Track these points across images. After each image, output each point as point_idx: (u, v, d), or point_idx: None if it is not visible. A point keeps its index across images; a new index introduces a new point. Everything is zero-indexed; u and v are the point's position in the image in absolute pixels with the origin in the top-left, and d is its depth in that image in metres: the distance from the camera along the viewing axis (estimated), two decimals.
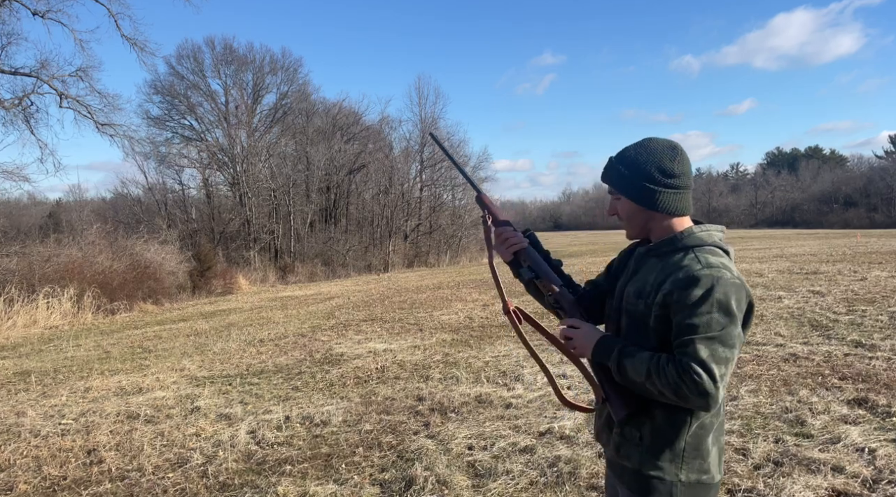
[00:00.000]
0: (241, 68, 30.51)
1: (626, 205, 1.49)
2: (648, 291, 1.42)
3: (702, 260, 1.37)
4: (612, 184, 1.51)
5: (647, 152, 1.46)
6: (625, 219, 1.52)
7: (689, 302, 1.32)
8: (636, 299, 1.45)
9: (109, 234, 16.08)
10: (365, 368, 5.98)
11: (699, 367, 1.29)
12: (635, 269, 1.53)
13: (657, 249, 1.48)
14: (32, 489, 3.48)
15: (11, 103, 15.69)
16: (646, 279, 1.45)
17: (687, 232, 1.45)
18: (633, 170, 1.46)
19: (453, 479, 3.26)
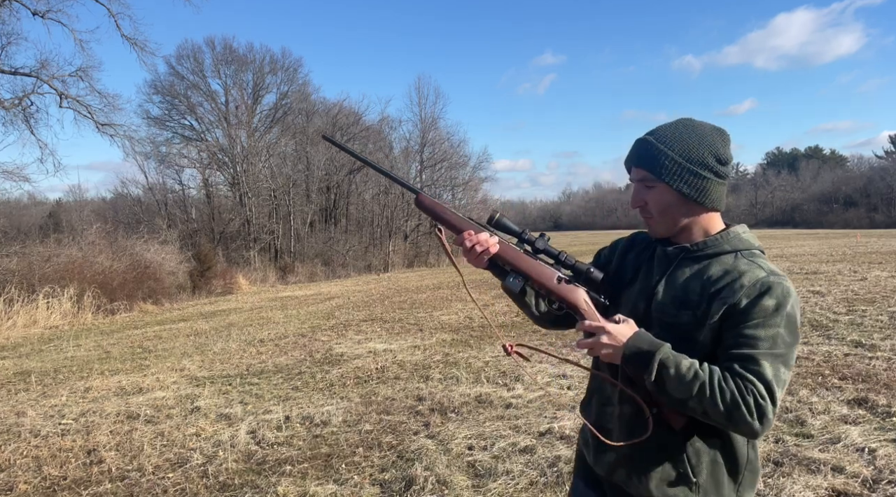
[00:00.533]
0: (241, 68, 30.52)
1: (664, 195, 1.24)
2: (696, 301, 1.21)
3: (764, 266, 1.20)
4: (651, 168, 1.23)
5: (698, 134, 1.24)
6: (657, 213, 1.26)
7: (759, 312, 1.14)
8: (677, 310, 1.23)
9: (109, 234, 16.08)
10: (365, 368, 5.98)
11: (765, 389, 1.11)
12: (662, 273, 1.30)
13: (697, 252, 1.26)
14: (32, 489, 3.48)
15: (11, 103, 15.69)
16: (686, 287, 1.24)
17: (733, 233, 1.27)
18: (683, 153, 1.22)
19: (453, 479, 3.26)
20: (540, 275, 1.33)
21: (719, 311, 1.17)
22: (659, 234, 1.30)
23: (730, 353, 1.15)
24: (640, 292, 1.33)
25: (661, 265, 1.31)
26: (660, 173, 1.23)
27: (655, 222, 1.28)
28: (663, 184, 1.23)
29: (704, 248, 1.26)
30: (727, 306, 1.17)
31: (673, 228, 1.28)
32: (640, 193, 1.28)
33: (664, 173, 1.22)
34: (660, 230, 1.29)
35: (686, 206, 1.25)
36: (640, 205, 1.28)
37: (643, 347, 1.18)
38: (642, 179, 1.26)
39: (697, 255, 1.26)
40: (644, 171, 1.25)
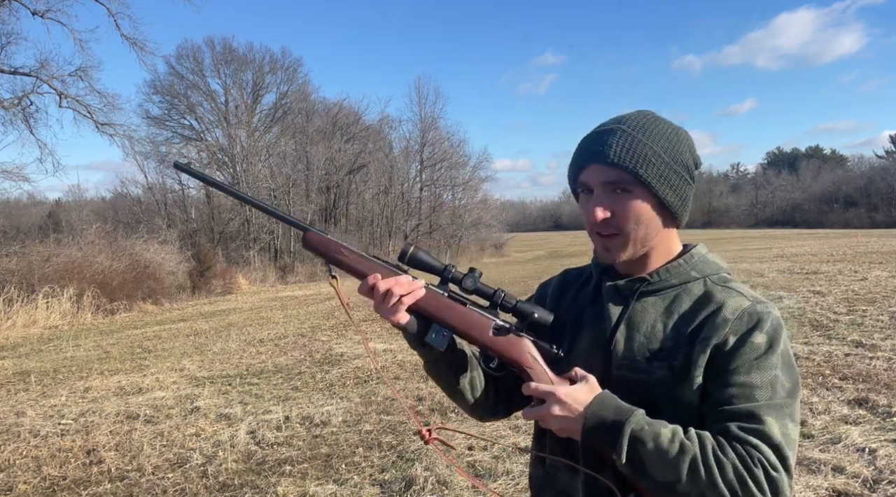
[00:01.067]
0: (240, 68, 30.50)
1: (641, 204, 0.95)
2: (671, 348, 0.94)
3: (745, 292, 0.97)
4: (631, 166, 0.94)
5: (672, 129, 1.00)
6: (629, 228, 0.96)
7: (750, 352, 0.90)
8: (647, 363, 0.95)
9: (109, 234, 16.07)
10: (365, 368, 5.97)
11: (775, 455, 0.85)
12: (618, 315, 1.01)
13: (659, 283, 1.00)
14: (32, 489, 3.47)
15: (11, 103, 15.68)
16: (653, 331, 0.97)
17: (697, 255, 1.02)
18: (667, 148, 0.96)
19: (453, 479, 3.26)
20: (470, 325, 1.01)
21: (702, 356, 0.91)
22: (618, 258, 0.99)
23: (721, 411, 0.89)
24: (592, 344, 1.02)
25: (614, 305, 1.02)
26: (642, 173, 0.93)
27: (621, 242, 0.97)
28: (643, 188, 0.94)
29: (667, 278, 0.99)
30: (711, 348, 0.91)
31: (639, 250, 0.99)
32: (603, 202, 0.95)
33: (649, 174, 0.94)
34: (622, 253, 0.98)
35: (661, 220, 0.98)
36: (605, 217, 0.96)
37: (608, 417, 0.89)
38: (613, 182, 0.95)
39: (658, 288, 0.99)
40: (618, 171, 0.94)
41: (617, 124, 0.98)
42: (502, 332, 1.02)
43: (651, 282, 1.00)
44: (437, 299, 1.02)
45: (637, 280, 1.01)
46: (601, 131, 0.99)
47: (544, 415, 0.94)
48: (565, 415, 0.92)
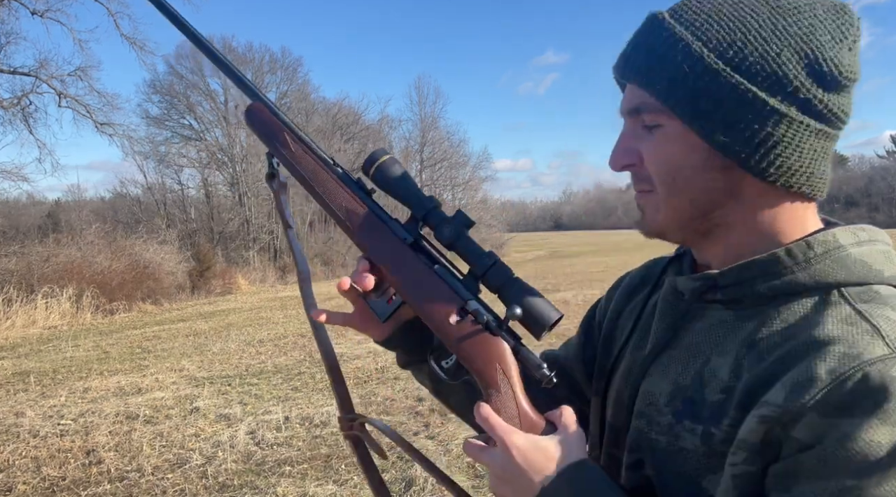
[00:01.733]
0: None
1: (679, 146, 0.59)
2: (718, 405, 0.57)
3: (883, 328, 0.52)
4: (654, 83, 0.58)
5: (769, 16, 0.55)
6: (661, 181, 0.61)
7: (847, 456, 0.48)
8: (676, 418, 0.60)
9: (108, 234, 16.06)
10: (365, 369, 5.97)
11: None
12: (664, 331, 0.66)
13: (738, 285, 0.59)
14: (31, 490, 3.47)
15: (10, 103, 15.68)
16: (704, 366, 0.60)
17: (825, 243, 0.58)
18: (731, 47, 0.55)
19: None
20: (426, 296, 0.70)
21: (752, 432, 0.52)
22: (653, 228, 0.64)
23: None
24: (625, 373, 0.71)
25: (665, 314, 0.66)
26: (671, 95, 0.56)
27: (654, 204, 0.62)
28: (677, 120, 0.57)
29: (747, 281, 0.58)
30: (771, 423, 0.51)
31: (690, 222, 0.61)
32: (627, 140, 0.62)
33: (680, 96, 0.56)
34: (658, 222, 0.63)
35: (726, 177, 0.58)
36: (628, 163, 0.62)
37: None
38: (636, 109, 0.60)
39: (734, 297, 0.60)
40: (639, 92, 0.59)
41: (669, 11, 0.59)
42: (469, 322, 0.68)
43: (719, 283, 0.60)
44: (393, 245, 0.71)
45: (703, 278, 0.61)
46: (648, 19, 0.60)
47: (485, 462, 0.65)
48: (509, 477, 0.62)
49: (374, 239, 0.73)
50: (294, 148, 0.79)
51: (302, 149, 0.80)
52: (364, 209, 0.74)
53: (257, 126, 0.83)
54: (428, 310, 0.70)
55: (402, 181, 0.72)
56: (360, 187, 0.76)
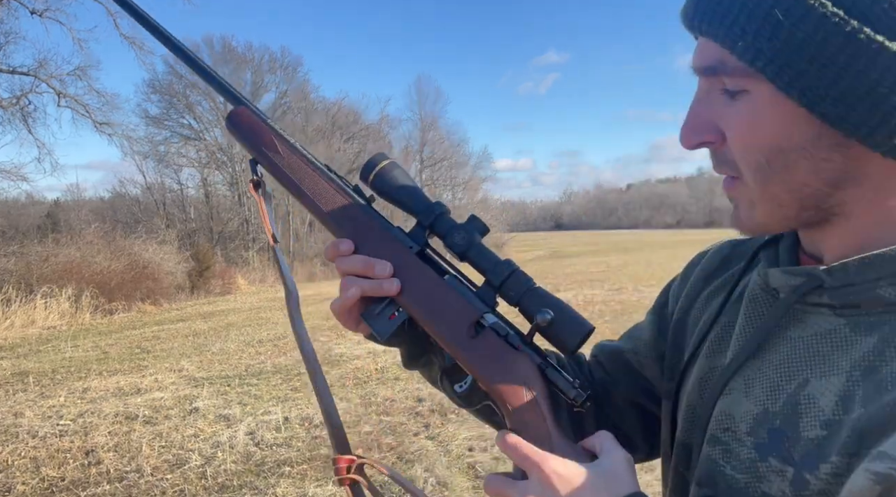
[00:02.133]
0: (239, 67, 30.48)
1: (771, 115, 0.44)
2: (822, 441, 0.44)
3: None
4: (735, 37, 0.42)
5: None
6: (749, 162, 0.47)
7: None
8: (760, 452, 0.48)
9: (108, 234, 16.05)
10: (364, 369, 5.96)
11: None
12: (751, 338, 0.53)
13: (854, 286, 0.46)
14: (30, 490, 3.46)
15: (9, 102, 15.67)
16: (803, 386, 0.47)
17: None
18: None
19: (453, 480, 3.25)
20: (437, 310, 0.62)
21: (868, 492, 0.39)
22: (761, 228, 0.51)
23: None
24: (697, 385, 0.59)
25: (753, 316, 0.55)
26: (759, 52, 0.42)
27: (743, 193, 0.50)
28: (768, 83, 0.43)
29: (866, 281, 0.46)
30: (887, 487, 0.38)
31: (800, 216, 0.49)
32: (703, 110, 0.49)
33: (771, 53, 0.42)
34: (761, 219, 0.50)
35: (843, 157, 0.44)
36: (703, 140, 0.49)
37: None
38: (711, 68, 0.47)
39: (848, 303, 0.47)
40: (715, 48, 0.45)
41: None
42: (487, 338, 0.59)
43: (826, 284, 0.47)
44: (397, 254, 0.64)
45: (806, 274, 0.49)
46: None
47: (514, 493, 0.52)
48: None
49: (376, 249, 0.65)
50: (284, 153, 0.70)
51: (292, 154, 0.70)
52: (363, 217, 0.67)
53: (242, 131, 0.72)
54: (439, 325, 0.61)
55: (404, 187, 0.64)
56: (360, 195, 0.69)
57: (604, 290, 11.24)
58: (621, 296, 10.28)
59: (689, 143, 0.49)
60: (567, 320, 0.57)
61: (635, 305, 9.01)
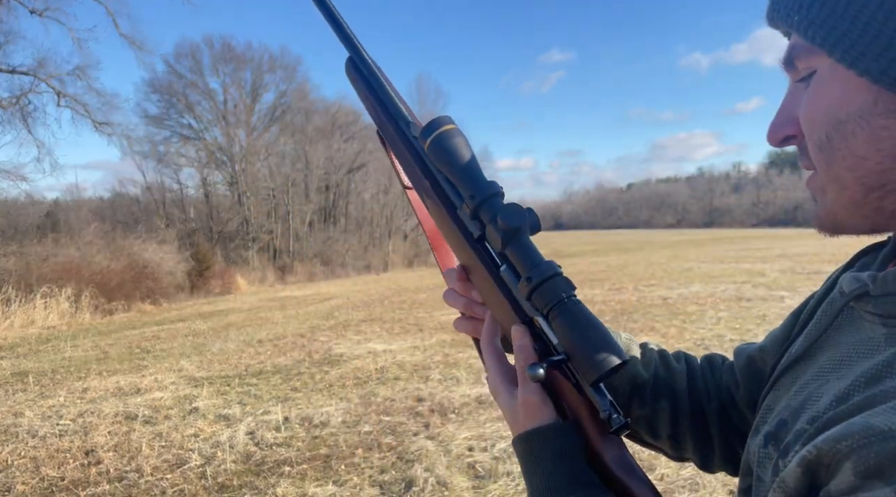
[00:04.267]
0: (239, 66, 30.49)
1: (828, 88, 0.44)
2: (798, 432, 0.45)
3: None
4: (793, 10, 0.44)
5: None
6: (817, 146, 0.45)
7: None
8: (764, 443, 0.50)
9: (107, 234, 16.06)
10: (364, 369, 5.96)
11: None
12: (810, 337, 0.53)
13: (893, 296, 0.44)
14: (30, 490, 3.45)
15: (9, 102, 15.66)
16: (819, 386, 0.47)
17: None
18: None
19: (453, 480, 3.24)
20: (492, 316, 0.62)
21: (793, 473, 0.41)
22: (833, 217, 0.48)
23: None
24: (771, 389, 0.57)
25: (821, 318, 0.54)
26: (811, 23, 0.43)
27: (819, 183, 0.48)
28: (826, 57, 0.44)
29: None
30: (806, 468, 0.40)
31: (870, 199, 0.45)
32: (789, 105, 0.49)
33: (821, 21, 0.43)
34: (832, 207, 0.47)
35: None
36: (787, 134, 0.49)
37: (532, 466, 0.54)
38: (788, 57, 0.48)
39: (889, 309, 0.45)
40: (794, 37, 0.47)
41: None
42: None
43: (871, 291, 0.46)
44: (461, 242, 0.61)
45: (863, 280, 0.48)
46: None
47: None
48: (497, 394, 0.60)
49: (449, 236, 0.62)
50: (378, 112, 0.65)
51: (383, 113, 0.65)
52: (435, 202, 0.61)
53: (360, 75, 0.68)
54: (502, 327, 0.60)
55: (460, 158, 0.58)
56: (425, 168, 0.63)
57: (604, 290, 11.23)
58: (621, 295, 10.28)
59: (772, 139, 0.49)
60: (582, 359, 0.53)
61: (635, 305, 9.01)
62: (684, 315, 7.77)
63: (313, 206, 28.84)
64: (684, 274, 13.09)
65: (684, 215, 77.54)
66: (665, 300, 9.34)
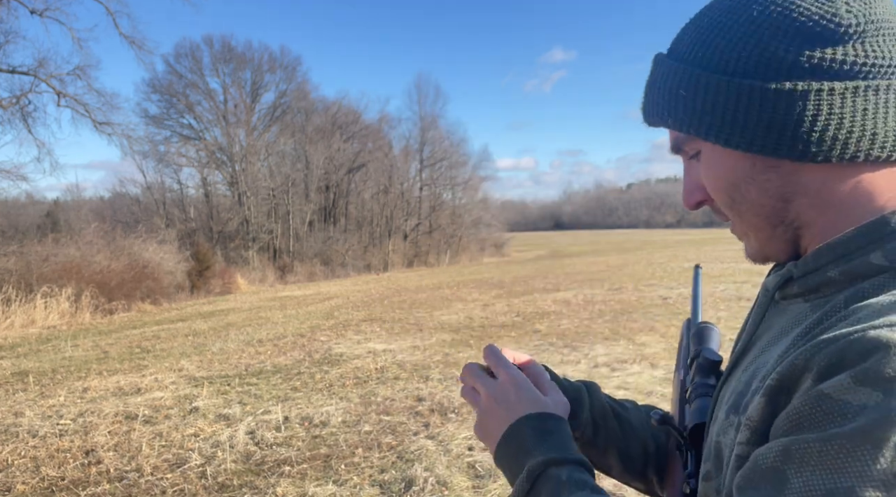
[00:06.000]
0: (239, 66, 30.49)
1: (720, 163, 0.56)
2: (754, 390, 0.52)
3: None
4: (674, 117, 0.57)
5: (752, 2, 0.53)
6: (725, 203, 0.59)
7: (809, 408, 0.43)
8: (726, 415, 0.56)
9: (107, 234, 16.05)
10: (364, 369, 5.96)
11: None
12: (748, 333, 0.63)
13: (812, 273, 0.55)
14: (31, 490, 3.46)
15: (9, 102, 15.66)
16: (761, 355, 0.57)
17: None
18: (720, 57, 0.53)
19: (453, 479, 3.25)
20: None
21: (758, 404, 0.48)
22: (761, 254, 0.60)
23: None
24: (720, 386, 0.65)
25: (754, 316, 0.64)
26: (684, 121, 0.56)
27: (740, 230, 0.60)
28: (705, 142, 0.56)
29: (820, 266, 0.54)
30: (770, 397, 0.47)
31: (778, 235, 0.57)
32: (690, 178, 0.61)
33: (692, 119, 0.55)
34: (757, 245, 0.59)
35: (778, 174, 0.54)
36: (698, 200, 0.61)
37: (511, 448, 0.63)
38: (675, 146, 0.61)
39: (808, 288, 0.55)
40: (672, 134, 0.60)
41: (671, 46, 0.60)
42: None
43: (793, 275, 0.56)
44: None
45: (782, 271, 0.58)
46: (657, 57, 0.62)
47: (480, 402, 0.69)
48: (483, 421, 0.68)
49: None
50: None
51: None
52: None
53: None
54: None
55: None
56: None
57: (604, 290, 11.23)
58: (621, 295, 10.29)
59: (690, 205, 0.63)
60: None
61: (635, 305, 9.01)
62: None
63: (313, 206, 28.84)
64: (684, 274, 13.09)
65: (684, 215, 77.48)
66: (665, 300, 9.34)
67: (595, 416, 0.76)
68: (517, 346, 6.59)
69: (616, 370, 5.33)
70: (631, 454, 0.77)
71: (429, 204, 32.22)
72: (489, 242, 33.68)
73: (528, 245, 42.77)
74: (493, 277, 16.14)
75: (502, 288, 13.07)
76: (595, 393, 0.79)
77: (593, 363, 5.64)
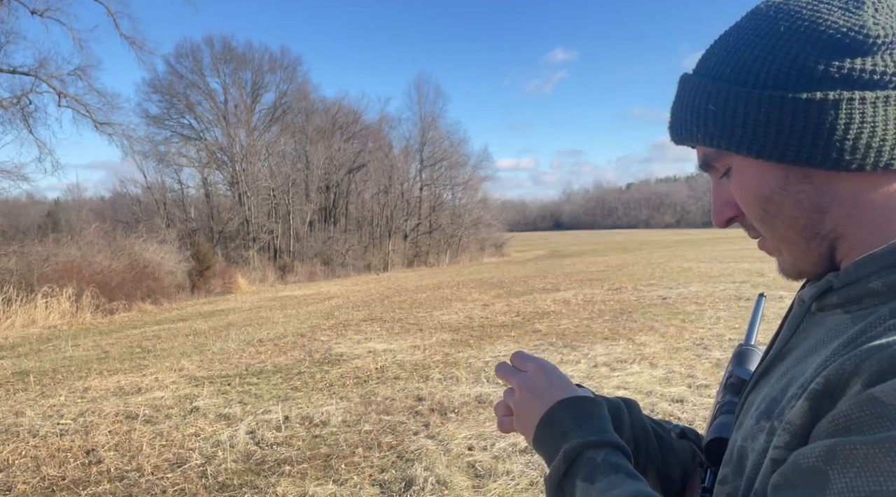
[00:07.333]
0: (239, 67, 30.50)
1: (752, 178, 0.56)
2: (791, 396, 0.52)
3: None
4: (704, 134, 0.57)
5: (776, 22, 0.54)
6: (758, 219, 0.58)
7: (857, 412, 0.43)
8: (756, 420, 0.56)
9: (108, 234, 16.05)
10: (364, 368, 5.96)
11: None
12: (781, 342, 0.63)
13: (853, 284, 0.54)
14: (31, 489, 3.46)
15: (10, 102, 15.66)
16: (796, 364, 0.57)
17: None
18: (751, 72, 0.53)
19: (453, 479, 3.25)
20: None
21: (801, 408, 0.48)
22: (796, 269, 0.60)
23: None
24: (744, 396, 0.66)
25: (788, 326, 0.63)
26: (717, 137, 0.56)
27: (773, 246, 0.60)
28: (737, 155, 0.56)
29: (862, 278, 0.53)
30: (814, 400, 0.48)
31: (812, 248, 0.57)
32: (720, 194, 0.61)
33: (725, 135, 0.55)
34: (791, 260, 0.59)
35: (812, 185, 0.54)
36: (729, 216, 0.61)
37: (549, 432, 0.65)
38: (705, 164, 0.61)
39: (848, 298, 0.54)
40: (698, 148, 0.61)
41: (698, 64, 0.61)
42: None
43: (834, 286, 0.55)
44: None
45: (821, 285, 0.57)
46: (680, 80, 0.63)
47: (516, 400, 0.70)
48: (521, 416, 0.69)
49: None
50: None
51: None
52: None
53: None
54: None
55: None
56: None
57: (603, 290, 11.24)
58: (621, 295, 10.29)
59: (721, 223, 0.62)
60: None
61: (635, 305, 9.02)
62: (683, 314, 7.77)
63: (313, 206, 28.85)
64: (683, 273, 13.09)
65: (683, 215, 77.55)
66: (664, 300, 9.34)
67: (636, 434, 0.75)
68: (517, 345, 6.59)
69: (616, 370, 5.33)
70: (670, 476, 0.76)
71: (429, 204, 32.23)
72: (489, 242, 33.69)
73: (527, 245, 42.77)
74: (492, 277, 16.14)
75: (502, 288, 13.07)
76: (635, 411, 0.78)
77: (593, 363, 5.65)
